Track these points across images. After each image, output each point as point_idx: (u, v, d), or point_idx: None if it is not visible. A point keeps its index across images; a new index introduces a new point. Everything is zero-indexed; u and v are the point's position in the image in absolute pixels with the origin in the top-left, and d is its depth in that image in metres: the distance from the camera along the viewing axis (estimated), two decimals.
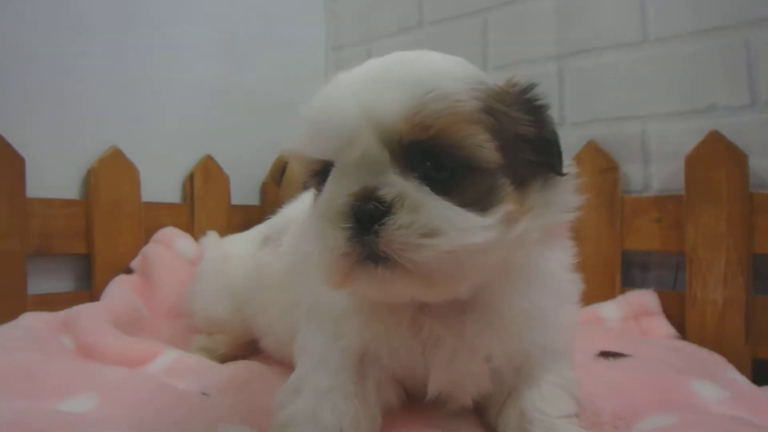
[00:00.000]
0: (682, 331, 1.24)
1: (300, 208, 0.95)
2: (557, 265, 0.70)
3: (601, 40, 1.41)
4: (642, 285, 1.35)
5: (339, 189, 0.56)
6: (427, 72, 0.58)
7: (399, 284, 0.55)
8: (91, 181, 1.37)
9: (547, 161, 0.62)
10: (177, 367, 0.96)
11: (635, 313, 1.27)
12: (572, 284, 0.71)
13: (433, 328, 0.65)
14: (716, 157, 1.20)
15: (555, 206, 0.64)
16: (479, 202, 0.56)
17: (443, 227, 0.53)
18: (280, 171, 1.67)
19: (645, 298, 1.27)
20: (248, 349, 1.16)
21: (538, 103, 0.63)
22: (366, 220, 0.54)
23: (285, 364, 0.99)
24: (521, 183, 0.60)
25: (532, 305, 0.66)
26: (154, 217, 1.49)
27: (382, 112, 0.55)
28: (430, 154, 0.56)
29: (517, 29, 1.56)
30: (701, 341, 1.20)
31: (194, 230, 1.56)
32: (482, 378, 0.69)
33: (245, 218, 1.72)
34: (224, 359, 1.14)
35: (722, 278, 1.19)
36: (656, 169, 1.35)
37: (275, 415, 0.68)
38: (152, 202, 1.50)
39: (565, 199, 0.65)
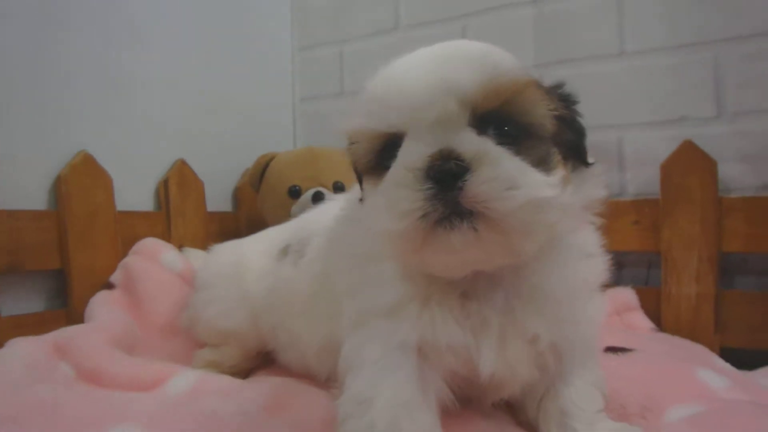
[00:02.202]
0: (658, 324, 1.34)
1: (324, 216, 0.94)
2: (592, 246, 0.76)
3: (580, 51, 1.49)
4: (617, 282, 1.43)
5: (414, 154, 0.59)
6: (489, 51, 0.64)
7: (478, 243, 0.58)
8: (61, 189, 1.26)
9: (578, 145, 0.69)
10: (203, 388, 0.91)
11: (617, 309, 1.36)
12: (604, 264, 0.76)
13: (480, 310, 0.67)
14: (690, 164, 1.32)
15: (589, 182, 0.70)
16: (540, 165, 0.61)
17: (522, 181, 0.58)
18: (259, 175, 1.62)
19: (625, 295, 1.37)
20: (258, 360, 1.13)
21: (572, 98, 0.70)
22: (447, 179, 0.56)
23: (309, 378, 0.98)
24: (563, 158, 0.66)
25: (573, 278, 0.71)
26: (129, 227, 1.40)
27: (460, 81, 0.59)
28: (498, 121, 0.61)
29: (497, 37, 1.57)
30: (676, 333, 1.30)
31: (171, 239, 1.48)
32: (530, 361, 0.71)
33: (221, 226, 1.66)
34: (233, 373, 1.09)
35: (695, 275, 1.31)
36: (631, 175, 1.45)
37: (340, 426, 0.68)
38: (127, 211, 1.40)
39: (596, 178, 0.72)
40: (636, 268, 1.47)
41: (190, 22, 1.63)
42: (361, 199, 0.73)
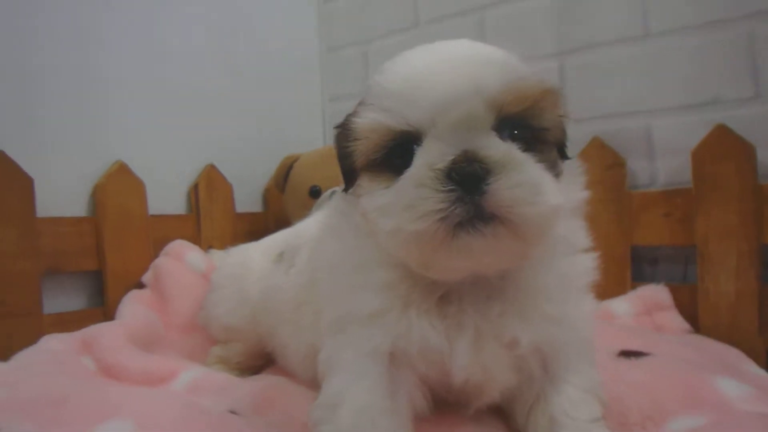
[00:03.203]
0: (695, 324, 1.25)
1: (313, 225, 0.94)
2: (580, 241, 0.73)
3: (602, 36, 1.41)
4: (652, 279, 1.35)
5: (436, 154, 0.58)
6: (507, 55, 0.64)
7: (496, 247, 0.58)
8: (98, 197, 1.37)
9: (564, 142, 0.68)
10: (201, 384, 0.96)
11: (648, 308, 1.28)
12: (593, 261, 0.74)
13: (458, 312, 0.66)
14: (724, 150, 1.21)
15: (573, 184, 0.70)
16: (550, 171, 0.62)
17: (545, 188, 0.58)
18: (283, 176, 1.66)
19: (657, 293, 1.28)
20: (264, 357, 1.16)
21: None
22: (470, 182, 0.56)
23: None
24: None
25: (563, 274, 0.69)
26: (161, 230, 1.48)
27: (488, 82, 0.59)
28: (515, 125, 0.61)
29: (515, 27, 1.55)
30: (715, 334, 1.20)
31: (201, 241, 1.56)
32: (509, 365, 0.69)
33: (250, 226, 1.72)
34: (241, 368, 1.15)
35: (734, 271, 1.20)
36: (662, 164, 1.35)
37: (312, 430, 0.68)
38: (158, 215, 1.49)
39: (578, 177, 0.71)
40: (672, 263, 1.37)
41: (216, 27, 1.70)
42: (344, 190, 0.72)
